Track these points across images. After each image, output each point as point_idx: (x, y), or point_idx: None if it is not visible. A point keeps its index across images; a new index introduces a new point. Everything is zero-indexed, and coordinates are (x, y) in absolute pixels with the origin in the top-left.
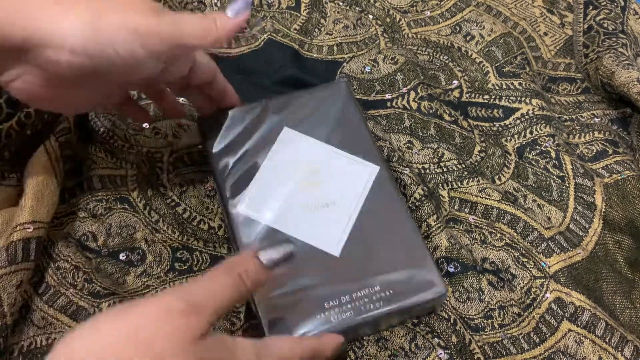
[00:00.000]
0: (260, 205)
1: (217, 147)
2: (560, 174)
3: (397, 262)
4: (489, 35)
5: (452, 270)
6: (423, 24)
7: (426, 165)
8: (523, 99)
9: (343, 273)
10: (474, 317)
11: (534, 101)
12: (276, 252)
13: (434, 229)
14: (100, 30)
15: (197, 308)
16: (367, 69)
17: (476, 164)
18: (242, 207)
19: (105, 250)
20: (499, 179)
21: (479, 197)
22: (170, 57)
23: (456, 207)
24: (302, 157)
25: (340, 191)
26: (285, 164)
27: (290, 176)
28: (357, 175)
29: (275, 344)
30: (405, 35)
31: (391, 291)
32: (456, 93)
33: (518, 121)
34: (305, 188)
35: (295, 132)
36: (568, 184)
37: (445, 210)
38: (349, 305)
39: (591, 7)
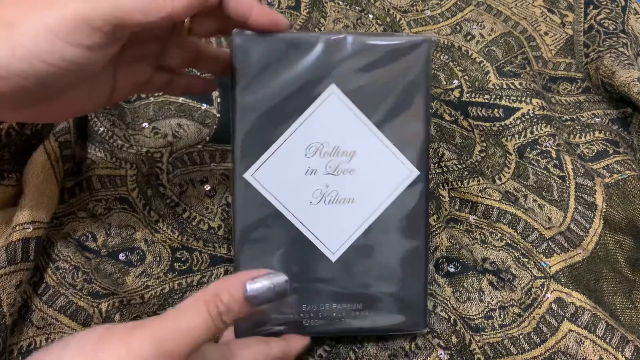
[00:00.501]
0: (272, 179)
1: (243, 85)
2: (561, 174)
3: (390, 286)
4: (490, 34)
5: (452, 270)
6: (423, 23)
7: None
8: (523, 98)
9: (331, 281)
10: (475, 317)
11: (534, 101)
12: (268, 288)
13: (434, 229)
14: (17, 47)
15: (169, 356)
16: None
17: (476, 163)
18: (249, 174)
19: (105, 250)
20: (500, 178)
21: (479, 197)
22: (120, 35)
23: (456, 207)
24: (340, 132)
25: (365, 188)
26: (318, 134)
27: (319, 153)
28: (391, 175)
29: (244, 346)
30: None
31: (373, 313)
32: (456, 93)
33: (518, 121)
34: (329, 173)
35: (342, 95)
36: (568, 183)
37: (446, 210)
38: (325, 315)
39: (592, 7)
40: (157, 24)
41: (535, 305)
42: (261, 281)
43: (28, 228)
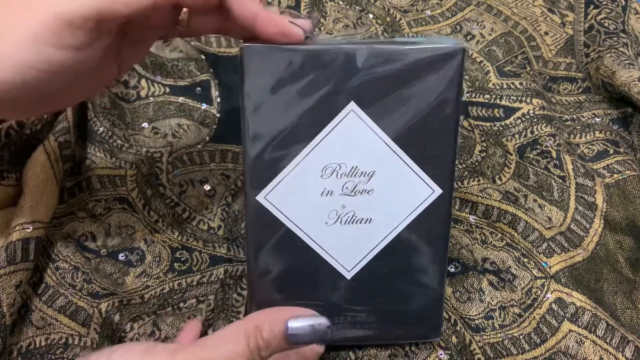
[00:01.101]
0: (286, 201)
1: (254, 105)
2: (561, 174)
3: (407, 300)
4: (490, 34)
5: (452, 270)
6: (423, 23)
7: None
8: (524, 98)
9: (346, 296)
10: (475, 317)
11: (534, 101)
12: (309, 329)
13: None
14: (5, 59)
15: None
16: None
17: (477, 163)
18: (262, 196)
19: (105, 250)
20: (500, 178)
21: (479, 197)
22: (108, 28)
23: (457, 207)
24: (359, 152)
25: (384, 208)
26: (335, 155)
27: (335, 174)
28: (412, 194)
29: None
30: (406, 35)
31: (386, 326)
32: None
33: (519, 121)
34: (346, 194)
35: (362, 113)
36: (569, 183)
37: None
38: (339, 325)
39: (592, 7)
40: (143, 13)
41: (535, 305)
42: (303, 321)
43: (28, 228)
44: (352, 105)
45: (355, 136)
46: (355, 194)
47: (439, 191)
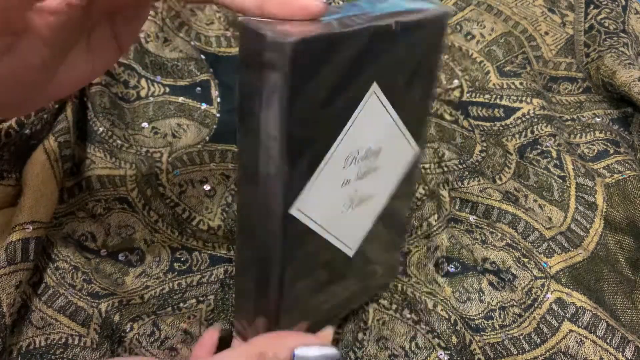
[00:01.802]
0: (316, 206)
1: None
2: (562, 174)
3: (383, 255)
4: (490, 34)
5: (452, 270)
6: None
7: (427, 165)
8: (524, 98)
9: (343, 271)
10: (475, 317)
11: (535, 101)
12: (320, 359)
13: (434, 229)
14: None
15: None
16: None
17: (477, 163)
18: (295, 209)
19: (104, 250)
20: (500, 178)
21: (479, 197)
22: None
23: (457, 207)
24: (373, 133)
25: (383, 182)
26: (356, 142)
27: (354, 162)
28: (402, 160)
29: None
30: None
31: (369, 283)
32: (457, 93)
33: (519, 121)
34: (360, 178)
35: (380, 93)
36: (569, 183)
37: (446, 210)
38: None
39: (592, 6)
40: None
41: (535, 305)
42: (312, 351)
43: (27, 228)
44: (375, 86)
45: (373, 118)
46: (365, 176)
47: (418, 149)
